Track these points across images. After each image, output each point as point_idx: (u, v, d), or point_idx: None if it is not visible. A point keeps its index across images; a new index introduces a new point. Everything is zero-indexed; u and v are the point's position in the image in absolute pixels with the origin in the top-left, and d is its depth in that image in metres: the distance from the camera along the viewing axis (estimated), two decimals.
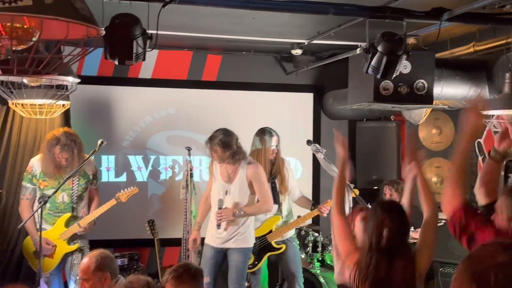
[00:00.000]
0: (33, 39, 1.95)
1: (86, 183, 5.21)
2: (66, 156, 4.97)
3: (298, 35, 5.76)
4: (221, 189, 5.13)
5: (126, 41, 3.63)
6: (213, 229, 5.15)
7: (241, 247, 5.11)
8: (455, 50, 5.36)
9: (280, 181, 5.48)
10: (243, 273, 5.16)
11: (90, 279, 3.68)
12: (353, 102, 4.90)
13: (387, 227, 2.93)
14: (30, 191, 5.07)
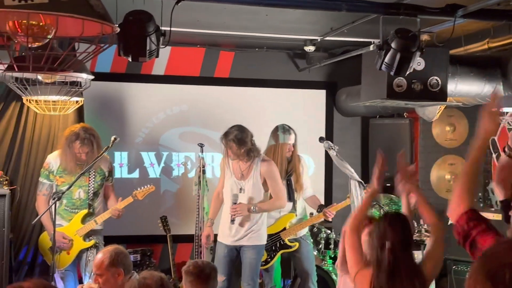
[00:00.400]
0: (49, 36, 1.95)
1: (102, 180, 5.24)
2: (87, 150, 5.01)
3: (311, 32, 5.75)
4: (235, 186, 5.14)
5: (139, 38, 3.63)
6: (226, 226, 5.16)
7: (254, 244, 5.12)
8: (469, 46, 5.32)
9: (295, 178, 5.48)
10: (256, 270, 5.17)
11: (103, 275, 3.70)
12: (367, 99, 4.88)
13: (389, 239, 2.91)
14: (47, 187, 5.11)
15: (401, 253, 2.89)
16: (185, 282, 3.53)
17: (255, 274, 5.16)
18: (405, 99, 4.58)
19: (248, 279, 5.11)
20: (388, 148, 6.64)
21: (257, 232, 5.13)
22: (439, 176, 6.67)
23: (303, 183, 5.52)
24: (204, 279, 3.50)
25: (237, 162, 5.14)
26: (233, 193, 5.11)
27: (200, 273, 3.51)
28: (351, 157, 6.07)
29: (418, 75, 4.49)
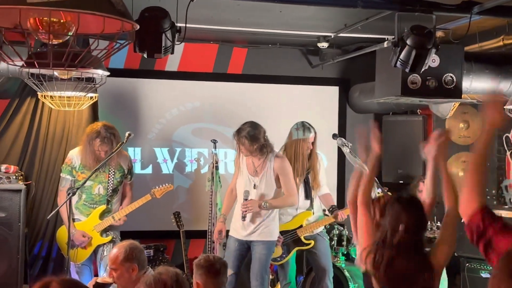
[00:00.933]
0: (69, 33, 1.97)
1: (121, 177, 5.29)
2: (106, 149, 5.05)
3: (325, 28, 5.74)
4: (248, 182, 5.15)
5: (155, 35, 3.65)
6: (237, 221, 5.18)
7: (265, 240, 5.13)
8: (484, 43, 5.30)
9: (313, 176, 5.48)
10: (266, 265, 5.18)
11: (118, 269, 3.72)
12: (381, 95, 4.87)
13: (403, 223, 2.89)
14: (70, 183, 5.16)
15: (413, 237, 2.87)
16: (195, 275, 3.55)
17: (264, 270, 5.16)
18: (419, 96, 4.57)
19: (256, 275, 5.11)
20: (401, 145, 6.64)
21: (267, 228, 5.14)
22: (452, 174, 6.63)
23: (320, 181, 5.52)
24: (213, 273, 3.52)
25: (251, 158, 5.16)
26: (245, 190, 5.12)
27: (211, 267, 3.53)
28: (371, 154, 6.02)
29: (432, 72, 4.47)
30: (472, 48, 5.25)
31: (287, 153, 5.42)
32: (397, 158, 6.65)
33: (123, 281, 3.74)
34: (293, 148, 5.39)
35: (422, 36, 3.92)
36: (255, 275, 5.13)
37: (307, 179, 5.47)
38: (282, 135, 5.98)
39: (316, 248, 5.47)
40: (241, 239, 5.17)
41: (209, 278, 3.50)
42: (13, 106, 5.76)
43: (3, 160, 5.61)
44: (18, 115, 5.76)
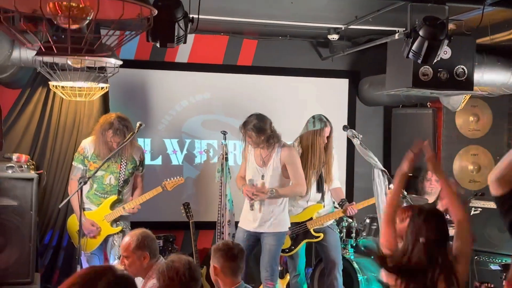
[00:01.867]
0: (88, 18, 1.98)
1: (133, 168, 5.31)
2: (118, 140, 5.07)
3: (335, 20, 5.73)
4: (257, 173, 5.17)
5: (168, 24, 3.66)
6: (247, 213, 5.20)
7: (275, 231, 5.14)
8: (495, 36, 5.27)
9: (327, 169, 5.48)
10: (275, 257, 5.19)
11: (129, 257, 3.75)
12: (391, 87, 4.87)
13: (424, 236, 2.85)
14: (81, 172, 5.17)
15: (436, 249, 2.85)
16: (212, 259, 3.56)
17: (274, 261, 5.18)
18: (430, 88, 4.56)
19: (266, 266, 5.13)
20: (411, 138, 6.61)
21: (277, 219, 5.15)
22: (461, 167, 6.64)
23: (333, 175, 5.52)
24: (231, 257, 3.53)
25: (258, 150, 5.17)
26: (249, 179, 5.16)
27: (228, 251, 3.55)
28: (373, 146, 6.03)
29: (444, 64, 4.47)
30: (484, 40, 5.23)
31: (302, 145, 5.42)
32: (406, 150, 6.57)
33: (134, 268, 3.76)
34: (309, 140, 5.39)
35: (434, 27, 3.91)
36: (265, 266, 5.14)
37: (321, 172, 5.47)
38: (292, 127, 5.98)
39: (326, 240, 5.47)
40: (251, 231, 5.19)
41: (226, 262, 3.51)
42: (24, 95, 5.79)
43: (14, 149, 5.64)
44: (30, 105, 5.79)
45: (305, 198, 5.47)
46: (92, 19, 1.94)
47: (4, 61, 4.75)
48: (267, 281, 5.14)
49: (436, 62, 4.18)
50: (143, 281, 3.77)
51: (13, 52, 4.81)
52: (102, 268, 1.47)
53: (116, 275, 1.46)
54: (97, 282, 1.42)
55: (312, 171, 5.36)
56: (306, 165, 5.36)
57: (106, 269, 1.47)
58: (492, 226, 5.57)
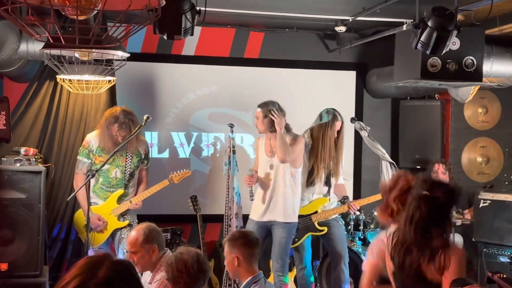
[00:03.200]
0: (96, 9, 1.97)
1: (138, 162, 5.31)
2: (123, 134, 5.07)
3: (343, 12, 5.70)
4: (266, 164, 5.18)
5: (175, 16, 3.64)
6: (259, 205, 5.23)
7: (285, 222, 5.14)
8: (504, 27, 5.24)
9: (335, 163, 5.46)
10: (286, 249, 5.19)
11: (138, 252, 3.74)
12: (399, 79, 4.84)
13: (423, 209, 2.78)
14: (87, 166, 5.17)
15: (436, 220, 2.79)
16: (232, 251, 3.53)
17: (285, 253, 5.18)
18: (439, 79, 4.53)
19: (277, 257, 5.14)
20: (419, 130, 6.60)
21: (288, 209, 5.16)
22: (470, 159, 6.61)
23: (340, 170, 5.51)
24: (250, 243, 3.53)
25: (269, 140, 5.17)
26: (249, 168, 5.27)
27: (247, 237, 3.56)
28: (380, 139, 6.02)
29: (453, 55, 4.43)
30: (493, 31, 5.19)
31: (313, 137, 5.42)
32: (414, 143, 6.62)
33: (144, 262, 3.76)
34: (320, 133, 5.38)
35: (443, 18, 3.87)
36: (276, 257, 5.16)
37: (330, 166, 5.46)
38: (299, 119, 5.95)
39: (332, 233, 5.46)
40: (261, 221, 5.19)
41: (248, 249, 3.50)
42: (32, 89, 5.79)
43: (22, 143, 5.65)
44: (37, 98, 5.80)
45: (311, 190, 5.46)
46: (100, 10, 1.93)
47: (12, 55, 4.75)
48: (277, 272, 5.14)
49: (445, 53, 4.14)
50: (151, 274, 3.77)
51: (20, 46, 4.81)
52: (99, 256, 1.48)
53: (114, 261, 1.48)
54: (97, 271, 1.43)
55: (322, 164, 5.35)
56: (316, 158, 5.36)
57: (103, 257, 1.48)
58: (501, 218, 5.55)
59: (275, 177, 5.17)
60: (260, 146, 5.30)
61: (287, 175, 5.16)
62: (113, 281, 1.44)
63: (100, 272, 1.44)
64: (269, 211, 5.17)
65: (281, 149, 5.08)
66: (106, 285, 1.43)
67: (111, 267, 1.46)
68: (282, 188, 5.18)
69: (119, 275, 1.46)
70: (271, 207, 5.16)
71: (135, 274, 1.53)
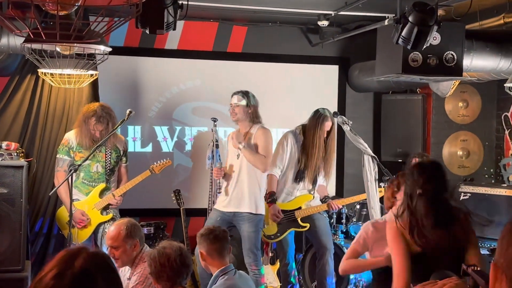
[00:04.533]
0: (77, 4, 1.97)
1: (117, 157, 5.32)
2: (101, 129, 5.07)
3: (325, 6, 5.72)
4: (233, 154, 5.26)
5: (157, 10, 3.64)
6: (223, 195, 5.28)
7: (250, 213, 5.15)
8: (484, 22, 5.28)
9: (327, 164, 5.48)
10: (256, 242, 5.22)
11: (120, 247, 3.74)
12: (381, 73, 4.87)
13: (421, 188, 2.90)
14: (68, 163, 5.17)
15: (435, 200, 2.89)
16: (199, 246, 3.65)
17: (255, 247, 5.21)
18: (420, 74, 4.57)
19: (248, 252, 5.16)
20: (401, 124, 6.66)
21: (254, 201, 5.18)
22: (451, 152, 6.68)
23: (332, 171, 5.55)
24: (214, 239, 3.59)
25: (237, 131, 5.28)
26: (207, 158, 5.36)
27: (211, 233, 3.64)
28: (363, 132, 6.07)
29: (433, 49, 4.47)
30: (473, 26, 5.24)
31: (304, 134, 5.44)
32: (396, 136, 6.69)
33: (125, 257, 3.77)
34: (310, 131, 5.40)
35: (424, 13, 3.90)
36: (247, 252, 5.18)
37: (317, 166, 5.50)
38: (282, 113, 5.99)
39: (316, 226, 5.49)
40: (225, 211, 5.20)
41: (211, 245, 3.57)
42: (13, 83, 5.73)
43: (3, 137, 5.60)
44: (19, 93, 5.75)
45: (296, 187, 5.48)
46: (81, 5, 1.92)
47: None
48: (251, 266, 5.18)
49: (426, 48, 4.17)
50: (130, 270, 3.78)
51: (1, 39, 4.76)
52: (76, 248, 1.51)
53: (90, 253, 1.51)
54: (73, 261, 1.46)
55: (312, 162, 5.37)
56: (307, 156, 5.39)
57: (80, 249, 1.51)
58: (481, 210, 5.61)
59: (242, 167, 5.20)
60: (230, 138, 5.36)
61: (253, 167, 5.20)
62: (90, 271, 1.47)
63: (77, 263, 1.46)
64: (233, 202, 5.19)
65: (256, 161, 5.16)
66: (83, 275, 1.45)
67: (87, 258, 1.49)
68: (247, 178, 5.21)
69: (96, 266, 1.49)
70: (235, 198, 5.19)
71: (112, 265, 1.55)
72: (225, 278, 3.52)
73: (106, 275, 1.50)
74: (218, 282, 3.52)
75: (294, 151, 5.44)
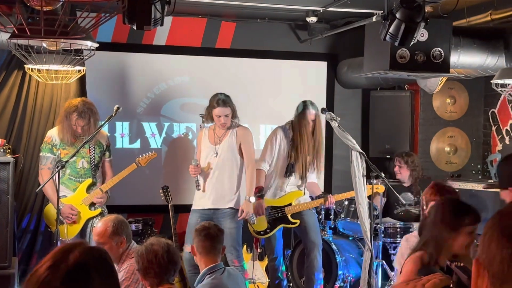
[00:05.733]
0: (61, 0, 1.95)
1: (101, 152, 5.32)
2: (82, 124, 5.06)
3: (314, 2, 5.73)
4: (210, 151, 5.23)
5: (144, 6, 3.60)
6: (200, 193, 5.26)
7: (229, 208, 5.18)
8: (472, 18, 5.31)
9: (316, 157, 5.49)
10: (237, 238, 5.25)
11: (107, 243, 3.74)
12: (369, 70, 4.88)
13: None
14: (51, 161, 5.15)
15: None
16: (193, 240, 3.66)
17: (237, 243, 5.24)
18: (408, 70, 4.57)
19: (230, 249, 5.14)
20: (389, 120, 6.69)
21: (234, 196, 5.22)
22: (438, 148, 6.72)
23: (321, 164, 5.52)
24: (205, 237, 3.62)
25: (213, 130, 5.27)
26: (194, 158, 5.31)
27: (203, 230, 3.67)
28: (351, 129, 6.08)
29: (421, 46, 4.47)
30: (461, 23, 5.26)
31: (293, 128, 5.45)
32: (384, 133, 6.71)
33: (111, 254, 3.72)
34: (297, 124, 5.43)
35: (411, 10, 3.91)
36: (229, 249, 5.14)
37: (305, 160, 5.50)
38: (270, 109, 5.99)
39: (305, 222, 5.50)
40: (205, 211, 5.20)
41: (201, 242, 3.59)
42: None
43: None
44: (5, 88, 5.70)
45: (286, 182, 5.49)
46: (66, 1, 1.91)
47: None
48: (233, 262, 5.18)
49: (413, 44, 4.18)
50: (117, 267, 3.77)
51: None
52: (73, 243, 1.51)
53: (87, 247, 1.51)
54: (69, 254, 1.45)
55: (301, 155, 5.39)
56: (296, 150, 5.40)
57: (77, 243, 1.51)
58: None
59: (221, 164, 5.21)
60: (203, 135, 5.34)
61: (234, 163, 5.23)
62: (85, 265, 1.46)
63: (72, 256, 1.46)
64: (212, 199, 5.19)
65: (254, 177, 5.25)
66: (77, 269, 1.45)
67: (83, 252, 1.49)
68: (227, 175, 5.23)
69: (91, 260, 1.48)
70: (215, 195, 5.19)
71: (109, 260, 1.54)
72: (212, 277, 3.52)
73: (101, 270, 1.49)
74: (204, 281, 3.53)
75: (284, 146, 5.46)
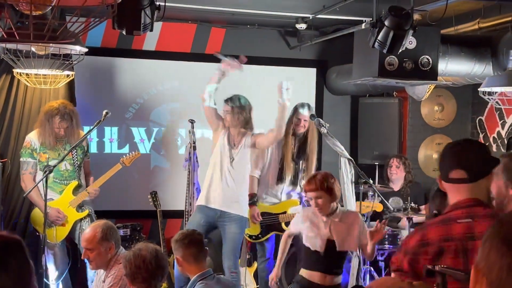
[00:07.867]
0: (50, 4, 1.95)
1: (83, 154, 5.37)
2: (66, 126, 5.09)
3: (303, 9, 5.75)
4: (225, 155, 5.20)
5: (134, 11, 3.62)
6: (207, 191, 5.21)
7: (237, 214, 5.13)
8: (460, 26, 5.37)
9: (307, 163, 5.50)
10: (238, 244, 5.24)
11: (95, 249, 3.72)
12: (358, 77, 4.91)
13: None
14: (32, 165, 5.17)
15: None
16: (174, 252, 3.64)
17: (237, 250, 5.23)
18: (396, 77, 4.61)
19: (229, 254, 5.14)
20: (378, 127, 6.72)
21: (241, 202, 5.19)
22: (426, 155, 6.76)
23: (311, 171, 5.48)
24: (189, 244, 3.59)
25: (230, 133, 5.25)
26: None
27: (185, 238, 3.64)
28: (340, 135, 6.10)
29: (409, 53, 4.51)
30: (448, 31, 5.32)
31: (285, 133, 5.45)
32: (373, 139, 6.74)
33: (99, 260, 3.75)
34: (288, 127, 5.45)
35: (400, 18, 3.95)
36: (228, 255, 5.14)
37: (298, 164, 5.50)
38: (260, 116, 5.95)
39: None
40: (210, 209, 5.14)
41: (186, 250, 3.56)
42: None
43: None
44: None
45: (280, 188, 5.50)
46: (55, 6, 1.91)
47: None
48: (230, 269, 5.14)
49: (402, 52, 4.22)
50: (105, 273, 3.76)
51: None
52: None
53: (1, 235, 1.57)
54: None
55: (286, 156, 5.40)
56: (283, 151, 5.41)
57: None
58: None
59: (234, 171, 5.17)
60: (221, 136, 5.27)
61: (246, 169, 5.22)
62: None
63: None
64: (223, 200, 5.13)
65: None
66: None
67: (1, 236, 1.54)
68: (240, 181, 5.21)
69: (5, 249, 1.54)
70: (226, 198, 5.14)
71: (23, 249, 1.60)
72: (203, 284, 3.51)
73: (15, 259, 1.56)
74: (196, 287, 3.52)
75: (275, 152, 5.46)
